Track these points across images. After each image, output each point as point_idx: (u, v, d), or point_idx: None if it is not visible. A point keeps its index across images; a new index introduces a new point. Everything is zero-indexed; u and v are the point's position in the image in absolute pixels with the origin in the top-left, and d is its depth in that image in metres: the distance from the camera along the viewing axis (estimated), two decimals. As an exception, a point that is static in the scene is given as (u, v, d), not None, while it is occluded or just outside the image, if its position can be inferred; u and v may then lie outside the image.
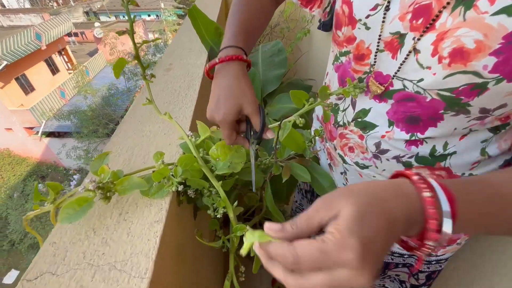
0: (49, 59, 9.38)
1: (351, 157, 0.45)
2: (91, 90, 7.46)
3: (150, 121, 0.55)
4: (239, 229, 0.43)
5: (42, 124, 8.16)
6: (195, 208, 0.53)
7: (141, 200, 0.39)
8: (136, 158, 0.46)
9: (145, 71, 0.41)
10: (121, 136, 0.51)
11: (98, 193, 0.34)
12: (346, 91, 0.36)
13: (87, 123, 6.97)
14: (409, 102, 0.34)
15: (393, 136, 0.38)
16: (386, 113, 0.37)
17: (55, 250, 0.33)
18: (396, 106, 0.36)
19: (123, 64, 0.40)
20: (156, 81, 0.70)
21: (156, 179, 0.38)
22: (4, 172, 7.86)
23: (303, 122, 0.40)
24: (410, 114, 0.35)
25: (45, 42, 8.63)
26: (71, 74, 9.70)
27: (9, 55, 7.45)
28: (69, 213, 0.33)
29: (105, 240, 0.34)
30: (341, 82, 0.43)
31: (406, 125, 0.36)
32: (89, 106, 7.24)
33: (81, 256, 0.32)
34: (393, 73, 0.34)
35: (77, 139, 7.07)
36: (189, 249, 0.50)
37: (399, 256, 0.54)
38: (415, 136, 0.36)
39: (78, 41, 13.86)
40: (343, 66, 0.42)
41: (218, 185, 0.40)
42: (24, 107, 8.14)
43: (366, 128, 0.40)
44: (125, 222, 0.36)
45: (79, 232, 0.35)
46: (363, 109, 0.40)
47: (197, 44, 0.92)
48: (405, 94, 0.34)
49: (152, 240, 0.33)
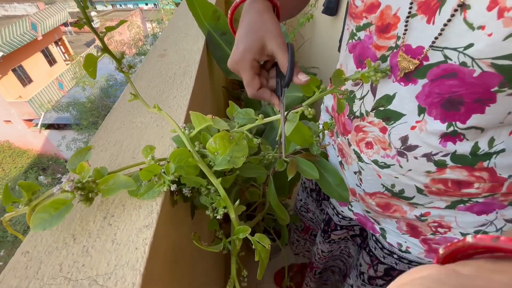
0: (45, 49, 9.22)
1: (368, 154, 0.39)
2: (89, 81, 7.36)
3: (141, 111, 0.50)
4: (241, 231, 0.38)
5: (41, 116, 8.10)
6: (192, 207, 0.48)
7: (129, 201, 0.34)
8: (124, 152, 0.41)
9: (121, 63, 0.36)
10: (108, 128, 0.46)
11: (77, 194, 0.30)
12: (364, 76, 0.30)
13: (86, 115, 6.91)
14: (448, 80, 0.27)
15: (425, 127, 0.31)
16: (416, 98, 0.31)
17: (28, 262, 0.28)
18: (431, 86, 0.29)
19: (94, 61, 0.34)
20: (148, 68, 0.64)
21: (144, 178, 0.33)
22: (5, 164, 7.87)
23: (313, 113, 0.34)
24: (448, 96, 0.28)
25: (41, 32, 8.46)
26: (69, 65, 9.56)
27: (5, 46, 7.31)
28: (43, 218, 0.29)
29: (86, 249, 0.29)
30: (358, 63, 0.36)
31: (442, 112, 0.29)
32: (87, 98, 7.16)
33: (57, 269, 0.27)
34: (428, 42, 0.27)
35: (77, 131, 7.03)
36: (187, 252, 0.46)
37: (417, 265, 0.48)
38: (454, 126, 0.29)
39: (74, 31, 13.60)
40: (360, 44, 0.35)
41: (217, 182, 0.36)
42: (22, 99, 8.06)
43: (390, 118, 0.34)
44: (110, 227, 0.31)
45: (56, 239, 0.30)
46: (386, 95, 0.33)
47: (194, 28, 0.86)
48: (445, 69, 0.27)
49: (141, 248, 0.29)
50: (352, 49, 0.37)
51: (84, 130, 6.90)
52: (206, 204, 0.37)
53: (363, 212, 0.51)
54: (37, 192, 0.35)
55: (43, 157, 8.34)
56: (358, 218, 0.54)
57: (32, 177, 7.29)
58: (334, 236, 0.63)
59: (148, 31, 10.04)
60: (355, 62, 0.37)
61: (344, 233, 0.62)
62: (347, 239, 0.65)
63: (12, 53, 7.51)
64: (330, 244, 0.66)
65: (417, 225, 0.43)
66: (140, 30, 8.92)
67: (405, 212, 0.42)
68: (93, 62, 0.34)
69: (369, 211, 0.48)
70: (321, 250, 0.69)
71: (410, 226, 0.44)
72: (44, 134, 8.26)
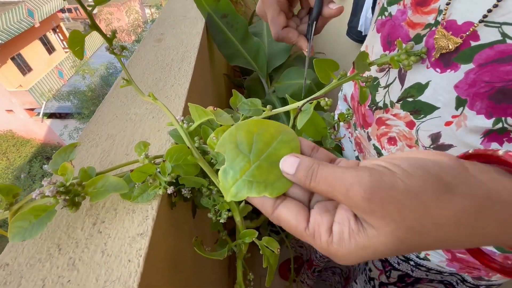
0: (43, 37, 9.06)
1: (390, 151, 0.34)
2: (89, 69, 7.27)
3: (136, 102, 0.45)
4: (247, 235, 0.35)
5: (42, 105, 8.07)
6: (193, 206, 0.45)
7: (122, 205, 0.30)
8: (117, 148, 0.37)
9: (113, 43, 0.31)
10: (99, 121, 0.42)
11: (60, 199, 0.26)
12: (394, 60, 0.25)
13: (87, 103, 6.87)
14: (503, 65, 0.22)
15: (463, 123, 0.26)
16: (455, 88, 0.25)
17: (7, 276, 0.25)
18: (478, 73, 0.24)
19: (80, 38, 0.29)
20: (144, 54, 0.59)
21: (137, 180, 0.29)
22: (9, 154, 7.92)
23: (330, 104, 0.29)
24: (502, 85, 0.23)
25: (38, 19, 8.28)
26: (68, 53, 9.42)
27: (3, 33, 7.18)
28: (22, 227, 0.25)
29: (72, 262, 0.26)
30: (386, 45, 0.31)
31: (490, 105, 0.24)
32: (88, 86, 7.09)
33: (39, 285, 0.24)
34: (479, 16, 0.22)
35: (78, 120, 7.02)
36: (188, 254, 0.42)
37: (436, 273, 0.44)
38: (503, 122, 0.24)
39: (72, 17, 13.30)
40: (391, 22, 0.29)
41: (215, 176, 0.32)
42: (23, 88, 8.00)
43: (419, 111, 0.29)
44: (100, 235, 0.28)
45: (39, 249, 0.27)
46: (417, 84, 0.28)
47: (193, 10, 0.80)
48: (501, 51, 0.22)
49: (134, 261, 0.25)
50: (380, 27, 0.31)
51: (85, 119, 6.88)
52: (207, 206, 0.34)
53: None
54: (19, 194, 0.31)
55: (47, 146, 8.37)
56: None
57: (36, 166, 7.36)
58: None
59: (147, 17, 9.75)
60: (382, 44, 0.32)
61: None
62: None
63: (10, 41, 7.38)
64: None
65: None
66: (139, 16, 8.68)
67: None
68: (79, 40, 0.30)
69: None
70: None
71: None
72: (46, 124, 8.26)
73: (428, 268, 0.44)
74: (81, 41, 0.29)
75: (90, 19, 0.28)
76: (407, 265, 0.46)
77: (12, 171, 7.40)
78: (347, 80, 0.28)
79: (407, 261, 0.45)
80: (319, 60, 0.28)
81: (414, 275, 0.46)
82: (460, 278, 0.43)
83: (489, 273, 0.39)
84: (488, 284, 0.41)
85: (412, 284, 0.48)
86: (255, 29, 1.04)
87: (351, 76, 0.28)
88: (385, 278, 0.50)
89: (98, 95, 6.94)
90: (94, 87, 7.03)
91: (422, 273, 0.45)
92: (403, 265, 0.46)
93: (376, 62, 0.26)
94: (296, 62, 1.10)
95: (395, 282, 0.49)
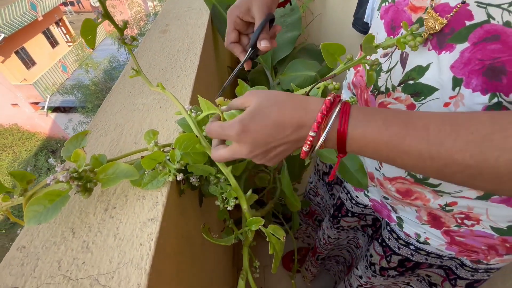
0: (47, 30, 9.04)
1: None
2: (93, 63, 7.26)
3: (143, 93, 0.46)
4: (254, 223, 0.35)
5: (47, 99, 8.12)
6: (200, 195, 0.46)
7: (132, 191, 0.31)
8: (126, 137, 0.38)
9: (124, 34, 0.31)
10: (108, 111, 0.42)
11: (73, 185, 0.27)
12: (400, 42, 0.26)
13: (91, 97, 6.89)
14: (490, 43, 0.23)
15: (461, 102, 0.27)
16: (451, 68, 0.26)
17: (24, 258, 0.26)
18: (473, 51, 0.25)
19: (92, 27, 0.30)
20: (149, 45, 0.59)
21: (147, 167, 0.29)
22: (15, 147, 8.02)
23: (338, 87, 0.30)
24: (490, 63, 0.24)
25: (40, 13, 8.26)
26: (71, 46, 9.41)
27: (6, 27, 7.18)
28: (37, 211, 0.26)
29: (86, 245, 0.26)
30: (390, 30, 0.32)
31: (484, 81, 0.25)
32: (91, 80, 7.09)
33: (55, 266, 0.25)
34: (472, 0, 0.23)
35: (83, 114, 7.05)
36: (195, 241, 0.43)
37: (436, 257, 0.45)
38: (498, 97, 0.25)
39: (75, 10, 13.25)
40: (394, 7, 0.31)
41: (228, 171, 0.32)
42: (27, 82, 8.04)
43: (419, 94, 0.30)
44: (111, 220, 0.28)
45: (54, 233, 0.28)
46: (418, 67, 0.29)
47: (197, 1, 0.79)
48: (487, 30, 0.23)
49: (146, 244, 0.26)
50: (384, 14, 0.32)
51: (89, 113, 6.91)
52: (215, 194, 0.34)
53: (380, 199, 0.48)
54: (32, 181, 0.32)
55: (52, 139, 8.45)
56: (373, 204, 0.50)
57: (42, 159, 7.45)
58: (344, 222, 0.60)
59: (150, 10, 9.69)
60: (386, 29, 0.32)
61: (355, 221, 0.59)
62: (357, 229, 0.62)
63: (14, 34, 7.38)
64: (338, 231, 0.63)
65: (440, 215, 0.40)
66: (141, 9, 8.61)
67: (428, 200, 0.38)
68: (92, 29, 0.30)
69: (387, 197, 0.45)
70: (328, 235, 0.66)
71: (432, 216, 0.41)
72: (51, 117, 8.32)
73: (427, 252, 0.45)
74: (94, 30, 0.29)
75: (103, 7, 0.28)
76: (407, 250, 0.46)
77: (18, 164, 7.50)
78: (353, 64, 0.28)
79: (407, 245, 0.46)
80: (326, 44, 0.28)
81: (414, 259, 0.47)
82: (459, 262, 0.44)
83: (487, 256, 0.39)
84: (487, 268, 0.42)
85: (412, 269, 0.49)
86: None
87: (358, 60, 0.28)
88: (385, 263, 0.51)
89: (102, 89, 6.95)
90: (98, 81, 7.04)
91: (422, 257, 0.46)
92: (404, 249, 0.47)
93: (382, 44, 0.27)
94: (301, 54, 1.09)
95: (395, 266, 0.50)
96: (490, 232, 0.36)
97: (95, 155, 0.29)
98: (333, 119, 0.22)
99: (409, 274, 0.52)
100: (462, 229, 0.38)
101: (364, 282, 0.58)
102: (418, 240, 0.44)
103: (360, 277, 0.59)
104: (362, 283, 0.59)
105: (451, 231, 0.40)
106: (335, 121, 0.22)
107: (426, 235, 0.43)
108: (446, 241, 0.41)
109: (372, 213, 0.55)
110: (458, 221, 0.38)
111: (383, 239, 0.50)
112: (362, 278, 0.58)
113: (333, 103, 0.22)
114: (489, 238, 0.37)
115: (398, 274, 0.52)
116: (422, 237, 0.43)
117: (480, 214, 0.36)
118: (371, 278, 0.56)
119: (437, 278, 0.50)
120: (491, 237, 0.36)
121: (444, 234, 0.41)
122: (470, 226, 0.37)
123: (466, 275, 0.44)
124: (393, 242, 0.48)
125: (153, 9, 9.18)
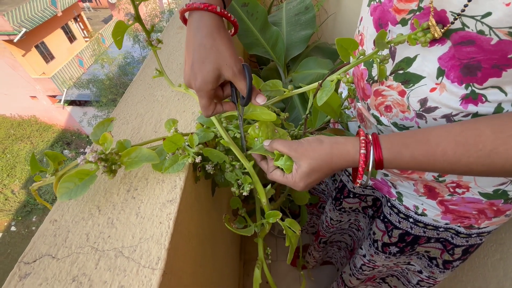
0: (65, 26, 9.32)
1: (388, 117, 0.39)
2: (108, 58, 7.43)
3: (162, 85, 0.48)
4: (272, 216, 0.37)
5: (63, 92, 8.38)
6: (213, 184, 0.48)
7: (152, 175, 0.33)
8: (146, 126, 0.40)
9: (150, 36, 0.34)
10: (129, 102, 0.45)
11: (100, 165, 0.29)
12: (411, 38, 0.27)
13: (105, 92, 7.06)
14: (466, 47, 0.27)
15: (444, 88, 0.31)
16: (439, 59, 0.30)
17: (56, 230, 0.28)
18: (454, 49, 0.29)
19: (123, 29, 0.32)
20: (167, 41, 0.61)
21: (168, 149, 0.31)
22: (33, 138, 8.34)
23: (351, 81, 0.31)
24: (466, 62, 0.28)
25: (60, 8, 8.52)
26: (88, 42, 9.67)
27: (27, 22, 7.45)
28: (68, 188, 0.29)
29: (111, 221, 0.29)
30: (378, 27, 0.35)
31: (459, 76, 0.29)
32: (106, 75, 7.27)
33: (84, 238, 0.27)
34: (449, 9, 0.27)
35: (97, 107, 7.24)
36: (208, 228, 0.45)
37: (432, 229, 0.48)
38: (472, 86, 0.29)
39: (92, 7, 13.58)
40: (380, 7, 0.34)
41: (250, 166, 0.35)
42: (46, 75, 8.32)
43: (408, 81, 0.33)
44: (133, 200, 0.31)
45: (82, 209, 0.30)
46: (407, 58, 0.32)
47: (214, -2, 0.81)
48: (463, 36, 0.27)
49: (165, 223, 0.28)
50: (373, 11, 0.36)
51: (103, 107, 7.09)
52: (231, 180, 0.36)
53: (380, 176, 0.50)
54: (63, 162, 0.35)
55: (67, 132, 8.74)
56: (374, 183, 0.53)
57: (57, 150, 7.71)
58: (346, 204, 0.63)
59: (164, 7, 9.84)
60: (374, 26, 0.36)
61: (356, 203, 0.62)
62: (358, 211, 0.65)
63: (34, 29, 7.65)
64: (340, 213, 0.66)
65: (434, 186, 0.43)
66: (156, 5, 8.75)
67: (423, 172, 0.42)
68: (122, 31, 0.33)
69: (387, 174, 0.48)
70: (330, 217, 0.69)
71: (428, 188, 0.44)
72: (67, 110, 8.59)
73: (425, 224, 0.48)
74: (124, 31, 0.31)
75: (136, 11, 0.30)
76: (407, 223, 0.50)
77: (35, 154, 7.79)
78: (366, 59, 0.29)
79: (407, 218, 0.49)
80: (341, 39, 0.30)
81: (413, 233, 0.50)
82: (454, 231, 0.47)
83: (478, 221, 0.43)
84: (479, 232, 0.45)
85: (411, 243, 0.52)
86: (273, 18, 1.04)
87: (370, 55, 0.29)
88: (387, 238, 0.54)
89: (116, 83, 7.12)
90: (112, 76, 7.21)
91: (420, 230, 0.49)
92: (404, 223, 0.50)
93: (394, 41, 0.28)
94: (314, 52, 1.10)
95: (396, 242, 0.53)
96: (479, 198, 0.40)
97: (121, 140, 0.32)
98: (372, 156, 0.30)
99: (409, 252, 0.55)
100: (454, 197, 0.42)
101: (367, 260, 0.61)
102: (416, 212, 0.47)
103: (363, 256, 0.62)
104: (366, 261, 0.62)
105: (445, 200, 0.43)
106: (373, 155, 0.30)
107: (423, 206, 0.46)
108: (441, 210, 0.45)
109: (372, 193, 0.58)
110: (451, 190, 0.41)
111: (385, 215, 0.53)
112: (366, 257, 0.61)
113: (366, 140, 0.31)
114: (479, 203, 0.40)
115: (399, 250, 0.54)
116: (420, 208, 0.47)
117: (469, 181, 0.39)
118: (374, 256, 0.58)
119: (435, 252, 0.53)
120: (480, 202, 0.40)
121: (439, 204, 0.44)
122: (461, 194, 0.41)
123: (461, 242, 0.47)
124: (394, 217, 0.51)
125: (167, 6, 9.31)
